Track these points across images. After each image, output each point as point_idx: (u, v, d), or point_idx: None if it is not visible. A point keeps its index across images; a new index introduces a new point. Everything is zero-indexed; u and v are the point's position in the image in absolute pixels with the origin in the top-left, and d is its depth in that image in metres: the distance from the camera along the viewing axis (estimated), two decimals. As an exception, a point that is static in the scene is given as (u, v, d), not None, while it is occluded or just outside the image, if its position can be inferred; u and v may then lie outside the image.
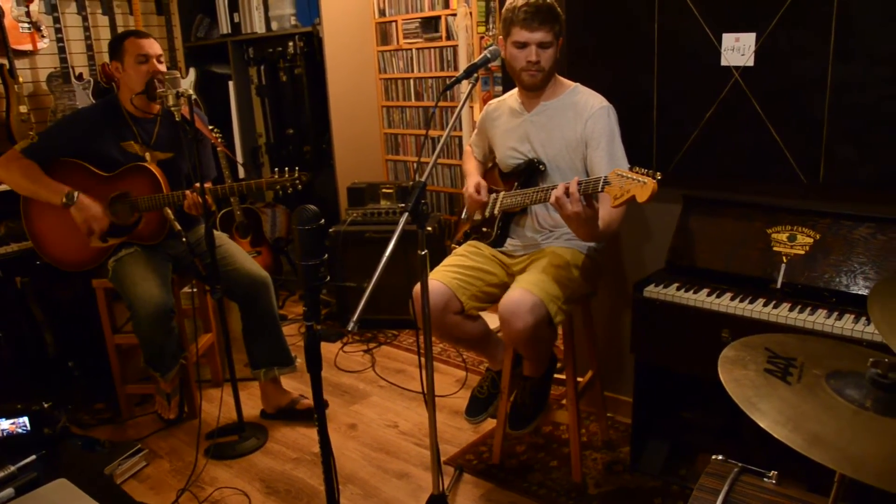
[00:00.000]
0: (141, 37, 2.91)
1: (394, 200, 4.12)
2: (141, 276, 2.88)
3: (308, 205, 1.79)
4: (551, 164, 2.49)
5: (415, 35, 4.51)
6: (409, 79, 4.64)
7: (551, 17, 2.38)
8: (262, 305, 3.03)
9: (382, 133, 4.91)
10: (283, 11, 4.57)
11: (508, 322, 2.29)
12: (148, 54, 2.89)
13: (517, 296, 2.30)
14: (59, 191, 2.88)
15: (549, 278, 2.37)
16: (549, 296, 2.30)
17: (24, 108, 3.85)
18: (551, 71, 2.46)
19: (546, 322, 2.30)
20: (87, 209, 2.90)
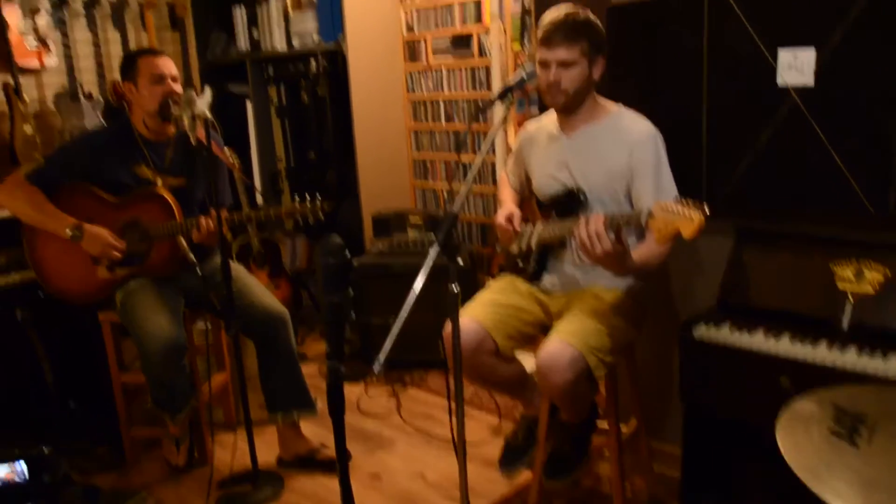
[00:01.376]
0: (155, 55, 2.99)
1: (422, 231, 4.16)
2: (151, 309, 2.94)
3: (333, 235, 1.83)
4: (592, 194, 2.51)
5: (445, 53, 4.59)
6: (439, 100, 4.71)
7: (574, 34, 2.39)
8: (279, 343, 3.08)
9: (410, 158, 4.98)
10: (305, 27, 4.67)
11: (546, 376, 2.30)
12: (163, 74, 2.96)
13: (555, 348, 2.30)
14: (66, 223, 2.94)
15: (589, 327, 2.37)
16: (590, 348, 2.31)
17: (29, 128, 3.97)
18: (578, 92, 2.46)
19: (586, 377, 2.31)
20: (98, 238, 2.96)
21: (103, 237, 2.96)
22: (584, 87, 2.47)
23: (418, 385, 3.96)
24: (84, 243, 2.95)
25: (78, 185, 3.04)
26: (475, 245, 4.62)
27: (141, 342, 2.88)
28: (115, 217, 3.03)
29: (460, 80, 4.55)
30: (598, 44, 2.44)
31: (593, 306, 2.46)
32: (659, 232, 2.04)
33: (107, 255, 2.98)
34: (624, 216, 2.18)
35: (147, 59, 2.97)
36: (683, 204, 2.02)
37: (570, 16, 2.41)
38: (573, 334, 2.34)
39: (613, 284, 2.55)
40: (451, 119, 4.68)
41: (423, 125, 4.85)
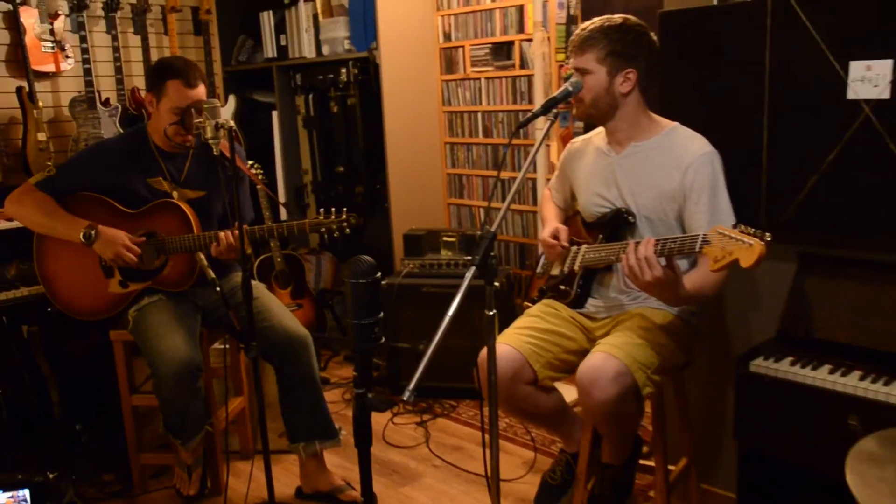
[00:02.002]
0: (190, 84, 2.94)
1: (456, 250, 4.15)
2: (165, 328, 2.95)
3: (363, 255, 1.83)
4: (641, 215, 2.50)
5: (484, 63, 4.60)
6: (477, 112, 4.71)
7: (590, 40, 2.43)
8: (301, 368, 3.07)
9: (445, 173, 4.98)
10: (335, 34, 4.71)
11: (588, 392, 2.28)
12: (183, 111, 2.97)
13: (598, 361, 2.29)
14: (78, 226, 2.96)
15: (636, 342, 2.36)
16: (637, 362, 2.29)
17: (42, 135, 4.02)
18: (597, 103, 2.47)
19: (632, 394, 2.29)
20: (113, 239, 2.96)
21: (119, 238, 2.97)
22: (605, 97, 2.47)
23: (449, 415, 3.93)
24: (98, 246, 2.97)
25: (91, 195, 3.07)
26: (513, 267, 4.60)
27: (153, 362, 2.89)
28: (129, 229, 3.04)
29: (500, 91, 4.55)
30: (623, 53, 2.43)
31: (641, 324, 2.45)
32: (715, 260, 2.02)
33: (122, 257, 2.98)
34: (676, 241, 2.16)
35: (179, 86, 2.95)
36: (742, 229, 2.00)
37: (595, 22, 2.45)
38: (619, 347, 2.32)
39: (663, 306, 2.53)
40: (489, 133, 4.68)
41: (459, 139, 4.85)
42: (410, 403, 3.98)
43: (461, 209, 4.94)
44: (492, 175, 4.71)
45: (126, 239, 2.98)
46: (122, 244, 2.97)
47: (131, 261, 2.99)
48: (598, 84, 2.45)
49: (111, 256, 2.99)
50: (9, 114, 4.08)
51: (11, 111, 4.07)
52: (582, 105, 2.51)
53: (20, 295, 3.44)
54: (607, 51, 2.42)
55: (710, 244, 2.05)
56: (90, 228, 2.95)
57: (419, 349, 3.97)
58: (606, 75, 2.44)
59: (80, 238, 2.95)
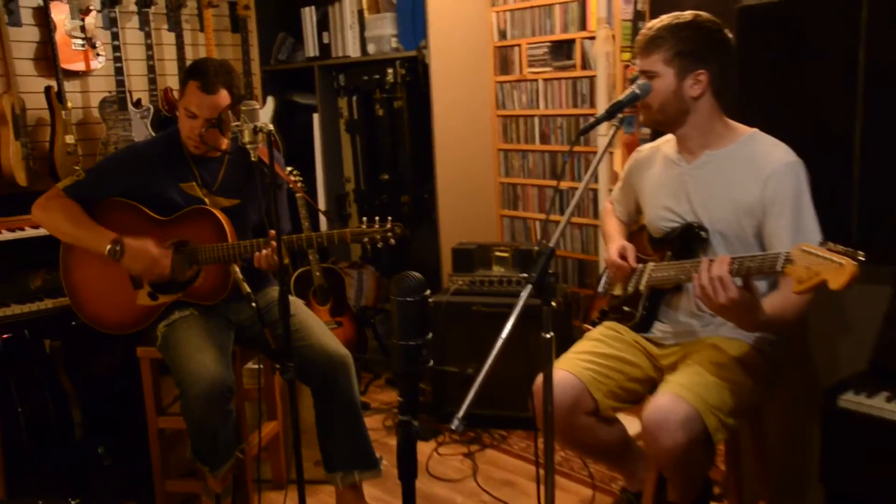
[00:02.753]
0: (207, 89, 2.97)
1: (509, 267, 4.13)
2: (196, 345, 2.96)
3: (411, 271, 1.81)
4: (714, 231, 2.46)
5: (542, 63, 4.58)
6: (534, 116, 4.69)
7: (656, 40, 2.41)
8: (340, 391, 3.06)
9: (498, 183, 4.96)
10: (382, 32, 4.73)
11: (654, 437, 2.24)
12: (196, 115, 3.00)
13: (666, 404, 2.26)
14: (105, 238, 3.00)
15: (708, 381, 2.31)
16: (708, 406, 2.25)
17: (71, 138, 4.09)
18: (664, 109, 2.45)
19: (702, 440, 2.25)
20: (141, 253, 2.99)
21: (147, 250, 3.00)
22: (673, 102, 2.44)
23: (499, 446, 3.90)
24: (126, 259, 3.00)
25: (120, 201, 3.10)
26: (571, 285, 4.56)
27: (182, 382, 2.90)
28: (160, 236, 3.07)
29: (559, 93, 4.53)
30: (693, 52, 2.40)
31: (713, 358, 2.40)
32: (799, 281, 1.97)
33: (152, 271, 3.01)
34: (755, 259, 2.12)
35: (195, 87, 2.99)
36: (831, 248, 1.95)
37: (663, 19, 2.43)
38: (688, 388, 2.28)
39: (738, 335, 2.48)
40: (547, 139, 4.65)
41: (514, 145, 4.84)
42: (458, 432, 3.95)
43: (515, 222, 4.92)
44: (549, 185, 4.69)
45: (154, 250, 3.01)
46: (151, 256, 3.00)
47: (164, 273, 3.02)
48: (665, 88, 2.42)
49: (140, 271, 3.02)
50: (36, 115, 4.15)
51: (39, 112, 4.15)
52: (649, 111, 2.49)
53: (44, 307, 3.48)
54: (675, 51, 2.39)
55: (793, 263, 2.00)
56: (116, 243, 2.98)
57: (468, 373, 3.98)
58: (675, 78, 2.41)
59: (106, 252, 2.98)
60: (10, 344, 3.48)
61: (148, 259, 3.00)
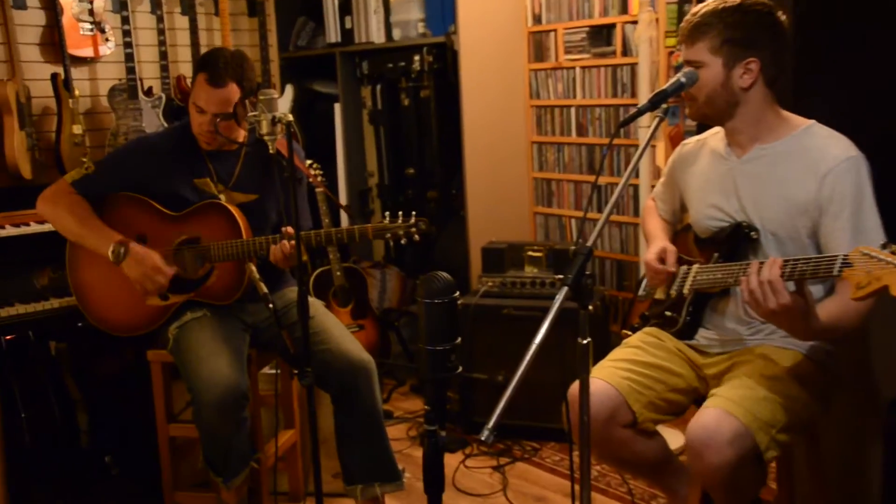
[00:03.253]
0: (214, 82, 2.99)
1: (543, 267, 4.12)
2: (209, 349, 2.98)
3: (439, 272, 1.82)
4: (766, 231, 2.45)
5: (580, 49, 4.57)
6: (570, 107, 4.69)
7: (702, 27, 2.40)
8: (362, 398, 3.08)
9: (531, 178, 4.96)
10: (408, 17, 4.74)
11: (699, 455, 2.23)
12: (203, 109, 3.03)
13: (712, 419, 2.24)
14: (109, 239, 3.02)
15: (758, 395, 2.30)
16: (759, 422, 2.24)
17: (78, 128, 4.13)
18: (712, 100, 2.44)
19: (752, 459, 2.23)
20: (143, 261, 3.02)
21: (149, 261, 3.03)
22: (722, 94, 2.43)
23: (531, 459, 3.90)
24: (126, 265, 3.02)
25: (130, 196, 3.14)
26: (609, 288, 4.56)
27: (194, 387, 2.92)
28: (171, 232, 3.11)
29: (598, 82, 4.52)
30: (743, 39, 2.38)
31: (764, 370, 2.38)
32: (858, 286, 1.96)
33: (148, 283, 3.04)
34: (809, 262, 2.11)
35: (203, 80, 3.01)
36: (894, 251, 1.93)
37: (708, 4, 2.41)
38: (737, 403, 2.26)
39: (791, 344, 2.47)
40: (584, 131, 4.65)
41: (549, 138, 4.83)
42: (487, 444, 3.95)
43: (549, 220, 4.92)
44: (587, 180, 4.68)
45: (158, 261, 3.04)
46: (151, 266, 3.03)
47: (157, 287, 3.05)
48: (713, 79, 2.41)
49: (136, 278, 3.04)
50: (42, 103, 4.20)
51: (45, 100, 4.19)
52: (695, 103, 2.48)
53: (50, 307, 3.49)
54: (723, 38, 2.38)
55: (851, 267, 1.98)
56: (120, 245, 3.01)
57: (498, 381, 3.99)
58: (723, 67, 2.40)
59: (109, 254, 3.01)
60: (13, 346, 3.52)
61: (148, 268, 3.02)
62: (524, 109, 4.90)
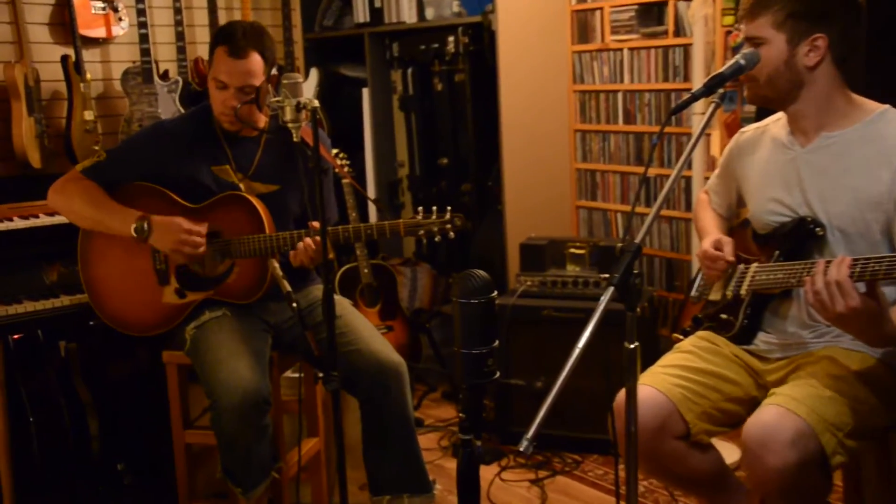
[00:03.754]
0: (234, 53, 2.99)
1: (586, 266, 4.11)
2: (228, 350, 2.99)
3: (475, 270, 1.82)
4: (833, 227, 2.42)
5: (628, 29, 4.55)
6: (617, 92, 4.67)
7: (762, 2, 2.38)
8: (391, 404, 3.08)
9: (574, 169, 4.94)
10: (442, -6, 4.74)
11: (757, 457, 2.21)
12: (226, 84, 3.02)
13: (772, 418, 2.22)
14: (129, 217, 3.03)
15: (824, 394, 2.27)
16: (824, 422, 2.21)
17: (90, 114, 4.16)
18: (773, 82, 2.42)
19: (816, 463, 2.20)
20: (171, 228, 3.01)
21: (177, 224, 3.02)
22: (785, 74, 2.41)
23: (572, 473, 3.89)
24: (154, 239, 3.02)
25: (145, 185, 3.16)
26: (658, 289, 4.53)
27: (213, 391, 2.93)
28: (191, 226, 3.12)
29: (647, 65, 4.50)
30: (809, 13, 2.36)
31: (830, 370, 2.36)
32: None
33: (186, 247, 3.01)
34: (882, 261, 2.10)
35: (222, 53, 3.01)
36: None
37: None
38: (800, 401, 2.24)
39: (861, 346, 2.44)
40: (632, 118, 4.63)
41: (594, 125, 4.82)
42: (526, 455, 3.96)
43: (593, 214, 4.90)
44: (635, 172, 4.66)
45: (185, 223, 3.03)
46: (182, 228, 3.01)
47: (195, 251, 3.03)
48: (775, 57, 2.39)
49: (171, 247, 3.03)
50: (52, 87, 4.23)
51: (55, 84, 4.23)
52: (755, 85, 2.45)
53: (60, 305, 3.48)
54: (787, 12, 2.36)
55: None
56: (142, 220, 3.02)
57: (537, 388, 3.97)
58: (786, 45, 2.38)
59: (132, 232, 3.02)
60: (21, 345, 3.55)
61: (179, 232, 3.01)
62: (567, 95, 4.88)
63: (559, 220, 4.90)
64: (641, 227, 2.00)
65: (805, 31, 2.36)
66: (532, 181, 4.71)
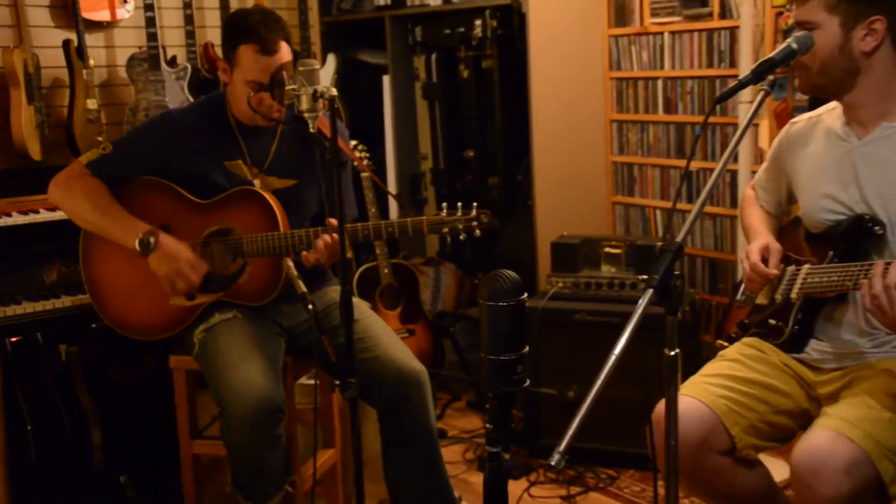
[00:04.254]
0: (268, 50, 3.00)
1: (622, 266, 4.10)
2: (239, 355, 3.00)
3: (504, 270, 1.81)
4: (893, 226, 2.41)
5: (669, 11, 4.54)
6: (657, 79, 4.65)
7: None
8: (412, 414, 3.08)
9: (610, 162, 4.93)
10: (469, -26, 4.74)
11: (808, 485, 2.20)
12: (263, 84, 3.02)
13: (824, 442, 2.21)
14: (135, 229, 3.04)
15: (881, 416, 2.26)
16: (882, 447, 2.20)
17: (93, 102, 4.17)
18: (826, 70, 2.40)
19: (873, 492, 2.20)
20: (174, 256, 3.04)
21: (182, 255, 3.04)
22: (839, 60, 2.39)
23: (606, 489, 3.88)
24: (154, 258, 3.04)
25: (152, 180, 3.16)
26: (701, 291, 4.51)
27: (223, 399, 2.94)
28: (199, 222, 3.13)
29: (690, 50, 4.48)
30: None
31: (888, 387, 2.34)
32: None
33: (179, 280, 3.05)
34: None
35: (252, 52, 3.01)
36: None
37: None
38: (854, 423, 2.23)
39: (924, 358, 2.43)
40: (673, 107, 4.60)
41: (632, 115, 4.80)
42: (557, 470, 3.95)
43: (630, 211, 4.88)
44: (676, 165, 4.64)
45: (192, 256, 3.06)
46: (185, 260, 3.04)
47: (189, 286, 3.06)
48: (829, 42, 2.37)
49: (167, 275, 3.05)
50: (53, 74, 4.25)
51: (56, 71, 4.24)
52: (806, 73, 2.44)
53: (60, 306, 3.50)
54: None
55: None
56: (150, 235, 3.02)
57: (568, 397, 3.97)
58: (840, 28, 2.36)
59: (135, 245, 3.02)
60: (19, 349, 3.55)
61: (181, 263, 3.03)
62: (603, 82, 4.87)
63: (593, 217, 4.88)
64: (683, 225, 1.99)
65: (861, 14, 2.34)
66: (564, 175, 4.70)
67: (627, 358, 1.77)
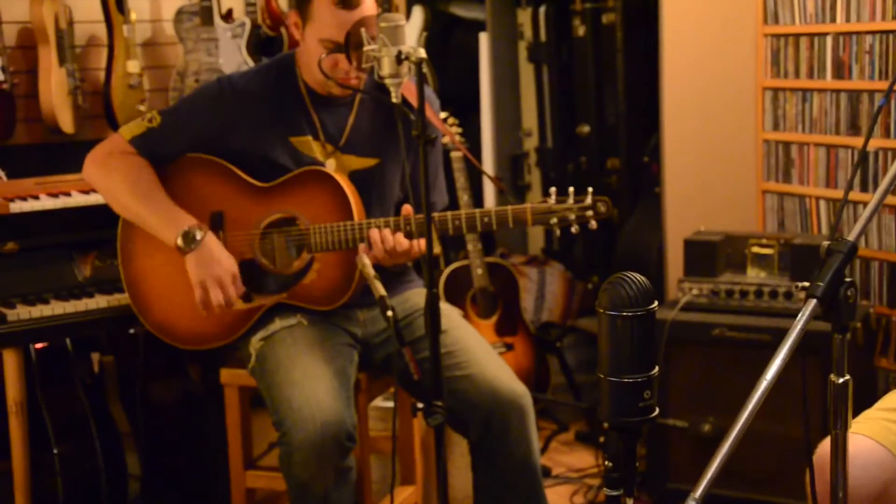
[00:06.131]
0: (348, 4, 3.00)
1: (774, 270, 4.06)
2: (304, 370, 3.02)
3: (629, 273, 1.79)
4: None
5: (838, -46, 4.47)
6: (826, 35, 4.56)
7: None
8: (511, 448, 3.08)
9: (761, 140, 4.86)
10: None
11: None
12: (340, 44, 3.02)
13: None
14: (177, 221, 3.07)
15: None
16: None
17: (134, 64, 4.20)
18: None
19: None
20: (215, 261, 3.06)
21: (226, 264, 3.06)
22: None
23: (751, 545, 3.85)
24: (191, 258, 3.05)
25: (204, 159, 3.20)
26: (878, 304, 4.43)
27: (283, 422, 2.96)
28: (258, 209, 3.16)
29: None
30: None
31: None
32: None
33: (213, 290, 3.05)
34: None
35: (328, 5, 3.01)
36: None
37: None
38: None
39: None
40: (846, 72, 4.51)
41: (790, 81, 4.72)
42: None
43: (786, 201, 4.81)
44: (848, 145, 4.55)
45: (234, 266, 3.08)
46: (227, 270, 3.06)
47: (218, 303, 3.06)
48: None
49: (202, 282, 3.06)
50: (88, 30, 4.29)
51: (92, 27, 4.27)
52: None
53: (94, 307, 3.48)
54: None
55: None
56: (195, 229, 3.05)
57: (704, 431, 3.93)
58: None
59: (177, 239, 3.04)
60: (45, 357, 3.59)
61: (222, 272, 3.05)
62: (754, 40, 4.80)
63: (738, 209, 4.83)
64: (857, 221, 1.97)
65: None
66: (702, 156, 4.66)
67: (780, 384, 1.73)
